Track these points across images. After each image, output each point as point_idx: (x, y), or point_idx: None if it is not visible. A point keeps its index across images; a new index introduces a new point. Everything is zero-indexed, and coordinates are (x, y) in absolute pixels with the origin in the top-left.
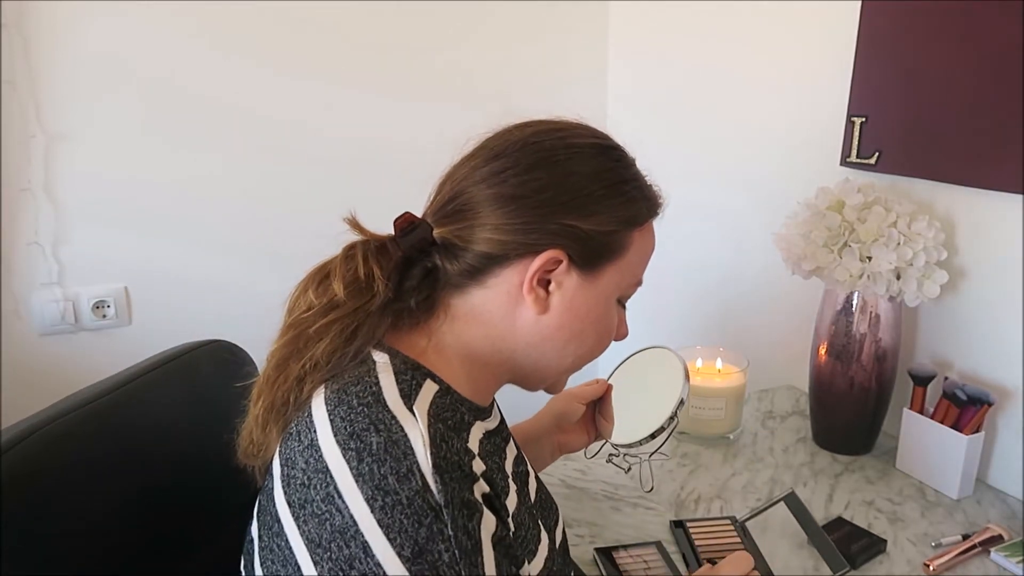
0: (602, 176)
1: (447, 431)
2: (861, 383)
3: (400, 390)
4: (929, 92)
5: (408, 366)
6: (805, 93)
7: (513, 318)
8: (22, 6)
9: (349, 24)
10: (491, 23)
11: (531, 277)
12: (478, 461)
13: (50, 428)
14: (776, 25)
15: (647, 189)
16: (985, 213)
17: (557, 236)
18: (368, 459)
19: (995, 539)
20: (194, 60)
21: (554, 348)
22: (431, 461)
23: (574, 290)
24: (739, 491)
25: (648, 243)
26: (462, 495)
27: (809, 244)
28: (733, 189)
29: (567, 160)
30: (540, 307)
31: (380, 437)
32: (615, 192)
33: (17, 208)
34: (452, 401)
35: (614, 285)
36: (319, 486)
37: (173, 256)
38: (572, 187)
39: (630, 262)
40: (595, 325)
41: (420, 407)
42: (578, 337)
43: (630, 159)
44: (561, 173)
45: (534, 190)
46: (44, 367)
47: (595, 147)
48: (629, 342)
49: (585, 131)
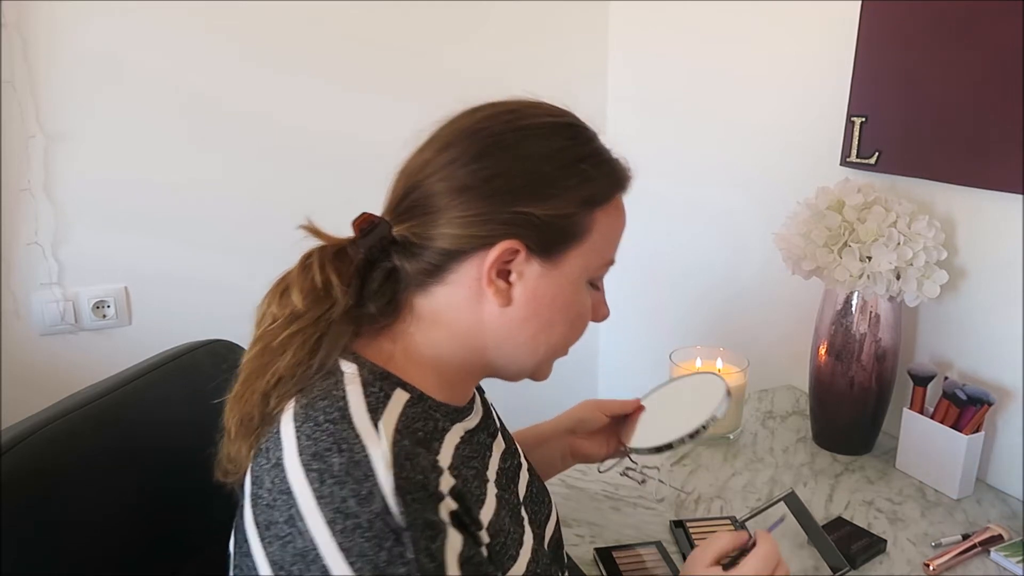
0: (554, 157)
1: (414, 447)
2: (861, 383)
3: (368, 404)
4: (929, 92)
5: (376, 376)
6: (805, 93)
7: (478, 314)
8: (22, 6)
9: (349, 24)
10: (491, 23)
11: (488, 270)
12: (447, 476)
13: (51, 427)
14: (776, 25)
15: (608, 165)
16: (985, 213)
17: (511, 225)
18: (330, 481)
19: (995, 539)
20: (194, 60)
21: (524, 340)
22: (393, 483)
23: (536, 279)
24: (739, 491)
25: (615, 221)
26: (425, 516)
27: (809, 244)
28: (733, 189)
29: (517, 144)
30: (502, 300)
31: (343, 458)
32: (570, 172)
33: (17, 208)
34: (425, 409)
35: (580, 269)
36: (283, 507)
37: (173, 256)
38: (523, 172)
39: (595, 243)
40: (563, 312)
41: (387, 422)
42: (547, 327)
43: (588, 134)
44: (511, 158)
45: (483, 179)
46: (44, 367)
47: (547, 127)
48: (629, 342)
49: (539, 110)
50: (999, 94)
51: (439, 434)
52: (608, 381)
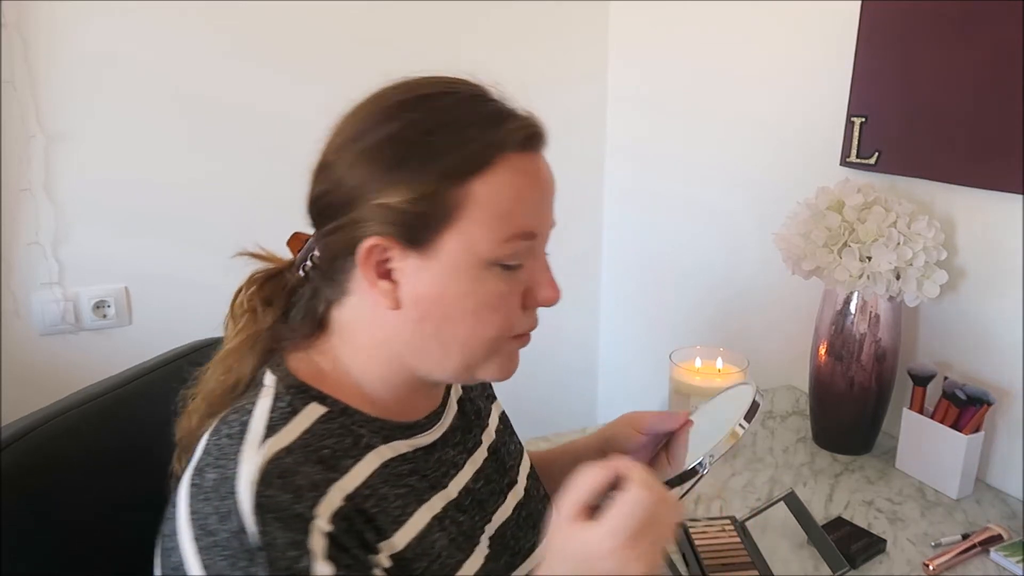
0: (399, 137)
1: (302, 465)
2: (861, 383)
3: (270, 419)
4: (929, 92)
5: (292, 389)
6: (805, 93)
7: (382, 320)
8: (22, 6)
9: (350, 24)
10: (492, 23)
11: (367, 273)
12: (332, 498)
13: (51, 424)
14: (776, 25)
15: (476, 128)
16: (985, 213)
17: (371, 221)
18: (200, 496)
19: (995, 539)
20: (194, 60)
21: (429, 342)
22: (253, 501)
23: (416, 274)
24: (739, 491)
25: (505, 187)
26: (288, 536)
27: (809, 244)
28: (733, 189)
29: (365, 133)
30: (389, 302)
31: (215, 473)
32: (415, 150)
33: (17, 208)
34: (344, 425)
35: (464, 252)
36: (170, 519)
37: (173, 256)
38: (368, 160)
39: (478, 217)
40: (458, 305)
41: (282, 438)
42: (448, 323)
43: (448, 101)
44: (359, 150)
45: (337, 180)
46: (44, 367)
47: (397, 106)
48: (629, 342)
49: (400, 88)
50: (999, 94)
51: (358, 451)
52: (608, 381)
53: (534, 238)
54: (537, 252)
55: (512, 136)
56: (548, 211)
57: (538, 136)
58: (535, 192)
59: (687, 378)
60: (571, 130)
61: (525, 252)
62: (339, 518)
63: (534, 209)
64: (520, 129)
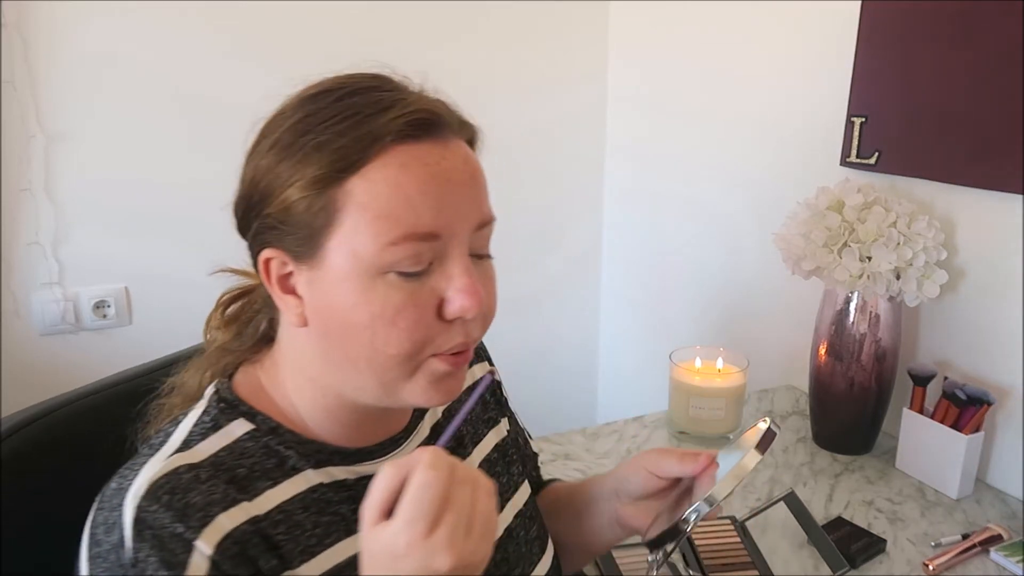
0: (278, 143)
1: (203, 483)
2: (861, 383)
3: (189, 433)
4: (929, 92)
5: (221, 404)
6: (805, 93)
7: (297, 339)
8: (22, 6)
9: (350, 24)
10: (492, 23)
11: (270, 287)
12: (225, 521)
13: (53, 416)
14: (776, 25)
15: (350, 121)
16: (985, 213)
17: (260, 233)
18: (96, 506)
19: (995, 539)
20: (194, 60)
21: (339, 360)
22: (134, 515)
23: (311, 285)
24: (739, 491)
25: (384, 183)
26: (160, 555)
27: (809, 244)
28: (733, 189)
29: (260, 141)
30: (296, 318)
31: (116, 483)
32: (288, 154)
33: (17, 208)
34: (268, 445)
35: (350, 258)
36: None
37: (173, 256)
38: (264, 168)
39: (360, 221)
40: (353, 316)
41: (189, 455)
42: (348, 339)
43: (332, 97)
44: (253, 157)
45: (240, 192)
46: (44, 367)
47: (291, 106)
48: (629, 342)
49: (307, 90)
50: (999, 94)
51: (280, 473)
52: (608, 381)
53: (436, 239)
54: (450, 255)
55: (392, 125)
56: (458, 207)
57: (428, 122)
58: (429, 186)
59: (687, 378)
60: (571, 130)
61: (428, 255)
62: (230, 542)
63: (430, 206)
64: (402, 116)
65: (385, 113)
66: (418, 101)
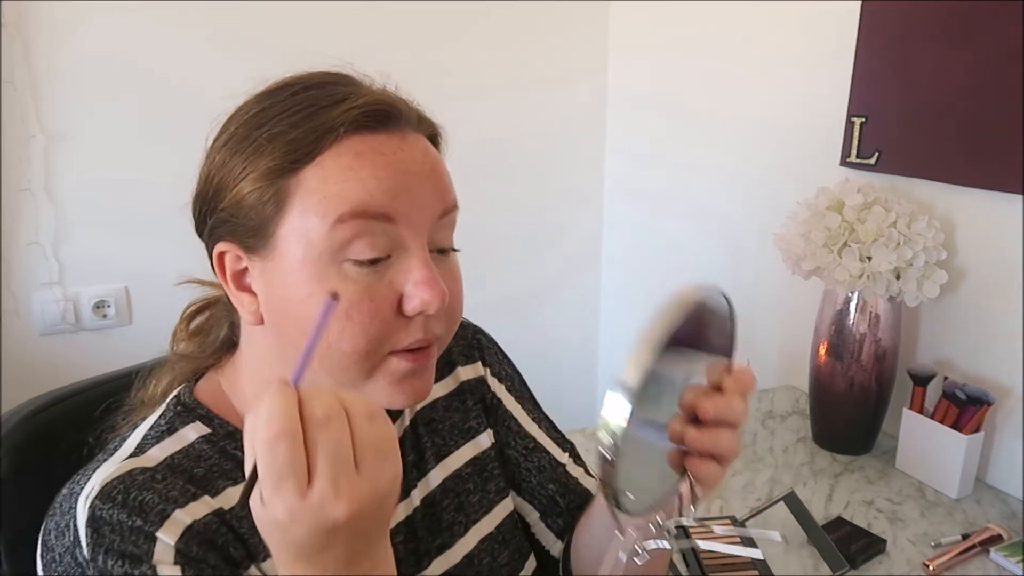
0: (233, 138)
1: (156, 483)
2: (861, 383)
3: (144, 437)
4: (929, 92)
5: (178, 408)
6: (805, 93)
7: (255, 338)
8: (22, 6)
9: (350, 24)
10: (492, 23)
11: (225, 285)
12: (184, 515)
13: (53, 409)
14: (776, 25)
15: (305, 112)
16: (985, 213)
17: (215, 228)
18: (50, 512)
19: (995, 539)
20: (194, 60)
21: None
22: (87, 514)
23: (263, 278)
24: (739, 491)
25: (337, 169)
26: (123, 547)
27: (809, 244)
28: (733, 189)
29: (217, 137)
30: (252, 316)
31: (67, 490)
32: (241, 147)
33: (17, 208)
34: (224, 449)
35: (300, 243)
36: None
37: (173, 256)
38: (218, 164)
39: (309, 205)
40: (304, 307)
41: (142, 459)
42: (301, 332)
43: (291, 91)
44: (210, 153)
45: (196, 189)
46: (44, 367)
47: (249, 103)
48: (630, 340)
49: (266, 87)
50: (999, 94)
51: (239, 474)
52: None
53: (389, 222)
54: (408, 247)
55: (346, 116)
56: (415, 194)
57: (384, 113)
58: (384, 171)
59: None
60: (571, 129)
61: (384, 243)
62: (193, 532)
63: (384, 188)
64: (356, 107)
65: (339, 105)
66: (374, 94)
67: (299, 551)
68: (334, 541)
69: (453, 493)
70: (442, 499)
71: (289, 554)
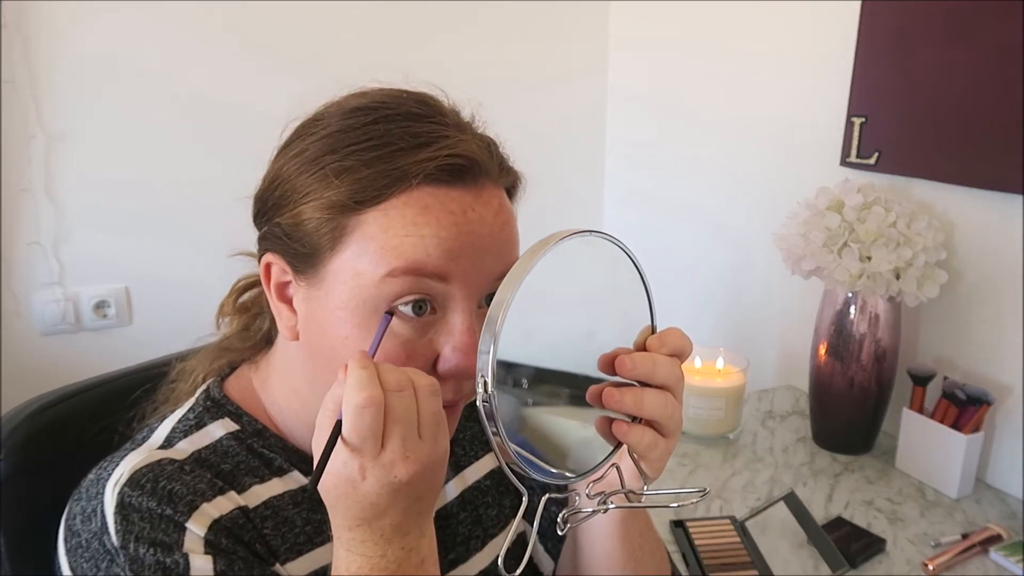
0: (304, 153)
1: (184, 475)
2: (861, 383)
3: (172, 429)
4: (929, 92)
5: (208, 403)
6: (805, 93)
7: (292, 350)
8: (22, 6)
9: (350, 22)
10: (492, 22)
11: (268, 293)
12: (213, 508)
13: (54, 410)
14: (776, 25)
15: (383, 151)
16: (985, 213)
17: (268, 237)
18: (75, 497)
19: (994, 539)
20: (194, 60)
21: (323, 386)
22: (116, 500)
23: (306, 303)
24: (739, 491)
25: (400, 220)
26: (153, 534)
27: (809, 244)
28: (733, 188)
29: (291, 142)
30: (287, 332)
31: (94, 475)
32: (311, 169)
33: (17, 208)
34: (252, 447)
35: (349, 285)
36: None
37: (173, 256)
38: (277, 175)
39: (366, 250)
40: (340, 347)
41: (172, 452)
42: (332, 368)
43: (376, 116)
44: (280, 156)
45: (260, 187)
46: (45, 367)
47: (330, 114)
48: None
49: (349, 99)
50: (999, 94)
51: (267, 472)
52: None
53: (444, 281)
54: (456, 308)
55: (422, 166)
56: (476, 258)
57: (463, 168)
58: (447, 232)
59: (687, 378)
60: (571, 129)
61: (431, 298)
62: (220, 525)
63: (444, 249)
64: (435, 159)
65: (419, 151)
66: (458, 144)
67: (363, 511)
68: (394, 502)
69: (471, 506)
70: (458, 512)
71: (353, 515)
